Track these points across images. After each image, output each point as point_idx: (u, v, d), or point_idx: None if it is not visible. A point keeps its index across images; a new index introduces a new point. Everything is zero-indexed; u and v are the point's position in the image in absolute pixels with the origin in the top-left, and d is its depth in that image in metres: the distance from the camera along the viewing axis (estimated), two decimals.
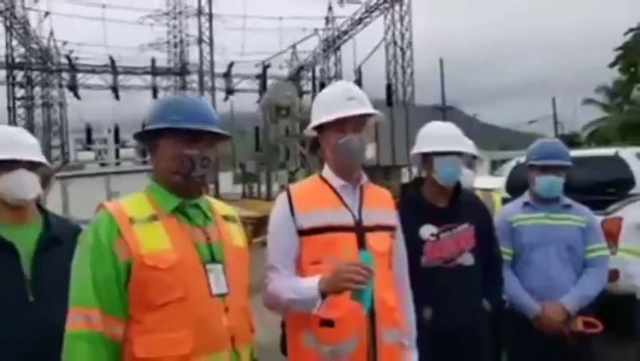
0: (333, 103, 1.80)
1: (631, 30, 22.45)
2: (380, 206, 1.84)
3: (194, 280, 1.42)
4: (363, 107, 1.80)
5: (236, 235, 1.62)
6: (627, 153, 5.22)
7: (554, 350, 2.47)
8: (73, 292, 1.40)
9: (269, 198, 20.03)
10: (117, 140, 21.72)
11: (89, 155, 21.28)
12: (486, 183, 4.74)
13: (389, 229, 1.87)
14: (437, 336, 2.14)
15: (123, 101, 27.81)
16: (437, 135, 2.37)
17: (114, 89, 27.62)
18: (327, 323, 1.69)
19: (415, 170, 15.77)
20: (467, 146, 2.42)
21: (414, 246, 2.08)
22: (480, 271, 2.35)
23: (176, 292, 1.38)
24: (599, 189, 4.63)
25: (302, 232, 1.73)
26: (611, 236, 2.70)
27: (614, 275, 2.62)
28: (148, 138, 1.54)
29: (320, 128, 1.84)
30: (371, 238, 1.74)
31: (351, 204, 1.80)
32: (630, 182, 4.87)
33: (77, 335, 1.35)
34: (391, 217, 1.90)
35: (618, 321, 2.56)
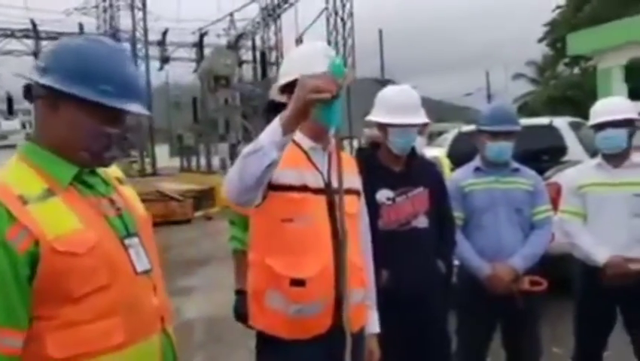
0: (314, 58, 1.69)
1: (558, 7, 23.56)
2: (347, 170, 1.80)
3: (117, 260, 1.21)
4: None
5: (137, 201, 1.41)
6: (561, 123, 5.49)
7: (502, 308, 2.57)
8: None
9: (210, 171, 19.61)
10: (10, 111, 20.24)
11: (14, 124, 19.70)
12: (432, 152, 4.82)
13: (356, 192, 1.86)
14: (393, 298, 2.16)
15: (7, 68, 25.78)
16: (394, 104, 2.34)
17: (37, 55, 25.64)
18: (298, 283, 1.65)
19: (355, 143, 15.89)
20: (422, 114, 2.41)
21: (371, 210, 2.07)
22: (435, 233, 2.40)
23: (99, 278, 1.16)
24: (535, 156, 4.85)
25: (274, 187, 1.65)
26: (551, 200, 2.80)
27: (552, 236, 2.73)
28: (48, 92, 1.20)
29: (287, 88, 1.73)
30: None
31: (321, 167, 1.76)
32: (563, 150, 5.14)
33: None
34: (357, 181, 1.89)
35: (556, 279, 2.69)
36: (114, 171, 1.40)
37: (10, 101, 21.91)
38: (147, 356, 1.25)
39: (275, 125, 1.46)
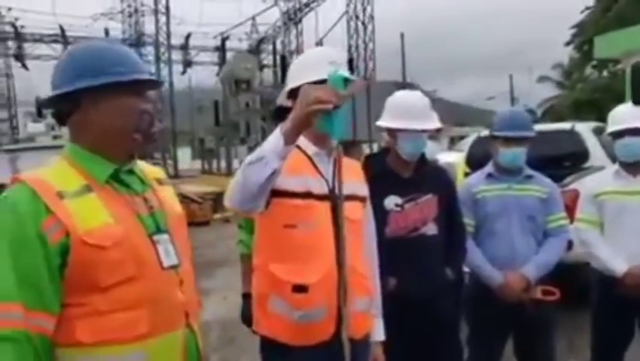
0: (318, 66, 1.70)
1: (587, 8, 23.03)
2: (352, 176, 1.80)
3: (143, 255, 1.28)
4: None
5: (174, 200, 1.49)
6: (582, 128, 5.35)
7: (514, 318, 2.51)
8: None
9: (230, 173, 19.76)
10: (39, 114, 20.64)
11: (40, 127, 20.18)
12: (446, 157, 4.77)
13: (361, 199, 1.84)
14: (401, 306, 2.14)
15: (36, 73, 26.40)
16: (403, 109, 2.32)
17: (19, 58, 26.18)
18: (300, 289, 1.64)
19: (375, 146, 15.84)
20: (433, 120, 2.38)
21: (379, 216, 2.06)
22: (443, 240, 2.37)
23: (125, 271, 1.23)
24: (556, 162, 4.74)
25: (278, 193, 1.64)
26: (568, 207, 2.74)
27: (569, 244, 2.66)
28: (72, 97, 1.29)
29: (293, 93, 1.73)
30: (345, 206, 1.68)
31: (325, 173, 1.75)
32: (585, 156, 5.01)
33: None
34: (363, 188, 1.88)
35: (573, 289, 2.62)
36: (154, 171, 1.49)
37: (39, 104, 22.52)
38: (170, 348, 1.30)
39: (277, 134, 1.46)
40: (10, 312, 1.15)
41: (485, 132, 6.33)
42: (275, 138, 1.46)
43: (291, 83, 1.79)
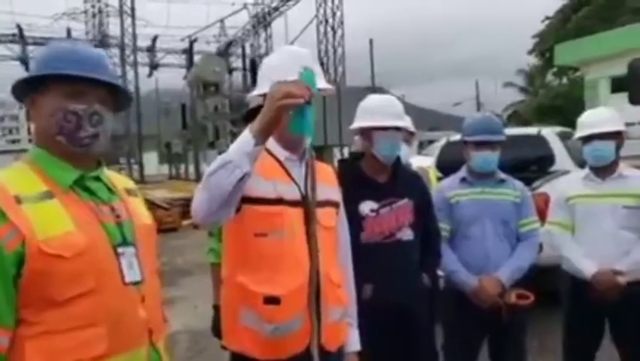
0: (289, 67, 1.60)
1: (547, 18, 23.81)
2: (325, 182, 1.73)
3: (105, 268, 1.20)
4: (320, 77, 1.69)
5: (143, 212, 1.41)
6: (548, 133, 5.47)
7: (488, 323, 2.51)
8: None
9: (198, 179, 19.45)
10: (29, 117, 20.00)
11: None
12: (420, 162, 4.78)
13: (334, 205, 1.78)
14: (377, 313, 2.11)
15: None
16: (377, 110, 2.31)
17: (24, 60, 25.34)
18: (272, 300, 1.55)
19: (346, 150, 15.90)
20: (407, 121, 2.37)
21: (354, 222, 2.01)
22: (419, 246, 2.35)
23: (85, 284, 1.14)
24: (522, 166, 4.82)
25: (247, 200, 1.56)
26: (539, 211, 2.76)
27: (539, 248, 2.69)
28: (28, 94, 1.26)
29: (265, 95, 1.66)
30: (318, 213, 1.62)
31: (297, 178, 1.67)
32: (551, 160, 5.12)
33: None
34: (336, 193, 1.81)
35: (544, 291, 2.64)
36: (123, 181, 1.42)
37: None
38: None
39: (246, 135, 1.40)
40: None
41: (453, 137, 6.42)
42: (245, 140, 1.39)
43: (261, 85, 1.70)
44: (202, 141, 21.28)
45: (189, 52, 28.04)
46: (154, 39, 27.98)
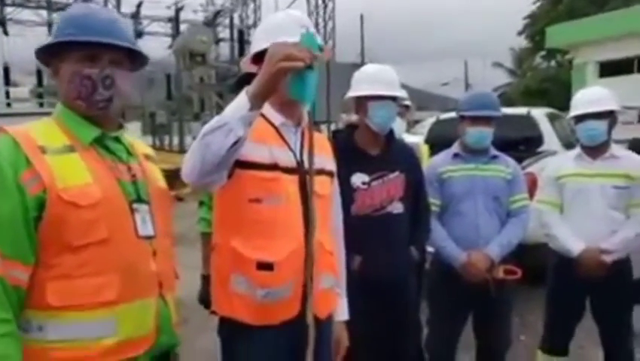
0: (288, 27, 1.57)
1: (538, 0, 23.73)
2: (321, 150, 1.69)
3: (119, 220, 1.27)
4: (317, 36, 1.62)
5: (159, 176, 1.48)
6: (538, 113, 5.48)
7: (475, 298, 2.53)
8: None
9: (182, 151, 19.24)
10: (7, 82, 19.43)
11: (24, 91, 18.83)
12: (412, 138, 4.77)
13: (329, 174, 1.75)
14: (365, 285, 2.11)
15: (14, 38, 24.75)
16: (372, 79, 2.27)
17: (1, 22, 24.50)
18: (266, 266, 1.53)
19: (333, 127, 15.80)
20: (402, 93, 2.33)
21: (345, 194, 1.98)
22: (409, 219, 2.34)
23: (98, 233, 1.22)
24: (511, 145, 4.83)
25: (242, 164, 1.52)
26: (528, 189, 2.76)
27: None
28: (51, 60, 1.34)
29: (259, 58, 1.57)
30: (314, 180, 1.58)
31: (292, 145, 1.63)
32: (539, 140, 5.14)
33: None
34: (331, 162, 1.78)
35: (528, 268, 2.66)
36: (144, 147, 1.51)
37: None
38: (140, 316, 1.29)
39: (242, 98, 1.34)
40: None
41: (444, 115, 6.40)
42: (240, 102, 1.33)
43: (258, 45, 1.63)
44: (186, 112, 20.97)
45: (175, 20, 27.35)
46: (139, 5, 27.18)
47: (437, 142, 3.77)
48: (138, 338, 1.28)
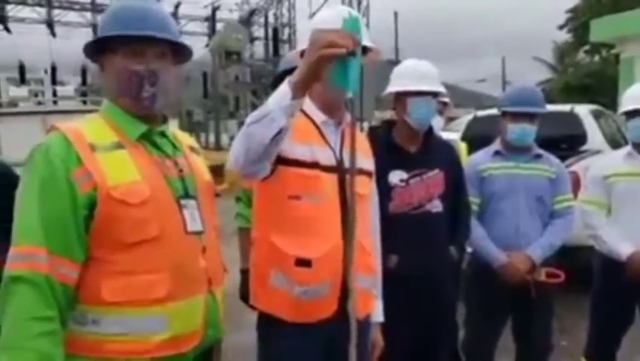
0: (333, 19, 1.54)
1: None
2: (360, 150, 1.67)
3: (168, 217, 1.28)
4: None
5: (204, 169, 1.48)
6: (582, 110, 5.27)
7: (515, 300, 2.45)
8: (15, 230, 1.18)
9: (219, 148, 19.53)
10: (54, 81, 20.06)
11: (23, 91, 19.54)
12: (450, 135, 4.67)
13: (368, 173, 1.74)
14: (401, 284, 2.06)
15: (60, 39, 25.64)
16: (414, 74, 2.22)
17: (50, 24, 25.40)
18: (304, 263, 1.54)
19: (366, 125, 15.64)
20: (441, 87, 2.28)
21: (382, 191, 1.96)
22: (448, 218, 2.28)
23: (150, 230, 1.23)
24: (553, 144, 4.66)
25: (283, 161, 1.53)
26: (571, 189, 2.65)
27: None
28: (97, 57, 1.35)
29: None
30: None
31: (333, 143, 1.63)
32: (583, 138, 4.95)
33: (16, 277, 1.14)
34: (370, 162, 1.77)
35: (571, 270, 2.56)
36: (188, 139, 1.51)
37: (22, 70, 21.80)
38: (190, 313, 1.29)
39: (284, 88, 1.33)
40: (33, 254, 1.15)
41: (481, 113, 6.24)
42: (282, 92, 1.32)
43: (305, 40, 1.63)
44: (222, 110, 21.24)
45: (211, 19, 27.77)
46: (177, 6, 27.73)
47: (475, 140, 3.68)
48: (188, 333, 1.29)
